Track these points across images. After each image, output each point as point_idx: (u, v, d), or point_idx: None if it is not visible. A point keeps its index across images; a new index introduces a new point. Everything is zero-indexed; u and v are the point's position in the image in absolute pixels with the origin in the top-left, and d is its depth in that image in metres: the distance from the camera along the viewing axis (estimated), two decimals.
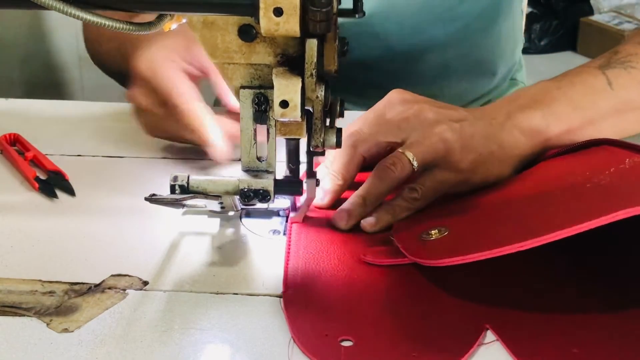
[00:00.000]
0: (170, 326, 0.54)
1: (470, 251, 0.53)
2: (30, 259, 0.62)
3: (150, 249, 0.63)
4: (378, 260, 0.61)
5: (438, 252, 0.57)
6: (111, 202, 0.71)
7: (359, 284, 0.58)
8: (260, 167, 0.62)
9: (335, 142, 0.62)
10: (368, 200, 0.65)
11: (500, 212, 0.61)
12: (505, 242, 0.51)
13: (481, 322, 0.54)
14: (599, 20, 3.02)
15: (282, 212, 0.68)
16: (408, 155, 0.64)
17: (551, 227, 0.50)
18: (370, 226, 0.65)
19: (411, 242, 0.60)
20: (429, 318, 0.55)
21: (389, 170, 0.64)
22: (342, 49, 0.61)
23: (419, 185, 0.65)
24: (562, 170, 0.64)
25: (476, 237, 0.57)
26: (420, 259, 0.57)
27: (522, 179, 0.66)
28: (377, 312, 0.55)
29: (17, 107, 0.92)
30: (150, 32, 0.57)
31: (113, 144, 0.82)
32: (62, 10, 0.53)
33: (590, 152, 0.66)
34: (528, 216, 0.58)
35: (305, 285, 0.58)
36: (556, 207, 0.57)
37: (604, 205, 0.51)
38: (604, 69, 0.72)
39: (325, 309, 0.56)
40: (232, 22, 0.57)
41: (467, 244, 0.57)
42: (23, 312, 0.56)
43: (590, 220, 0.49)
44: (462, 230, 0.60)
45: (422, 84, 1.02)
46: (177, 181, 0.62)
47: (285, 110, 0.56)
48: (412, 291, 0.58)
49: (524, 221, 0.56)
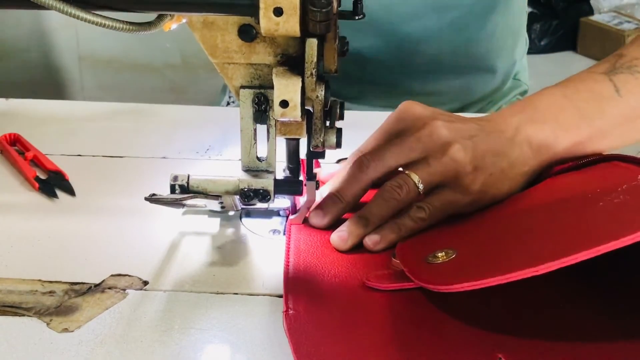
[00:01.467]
0: (170, 326, 0.54)
1: (482, 276, 0.51)
2: (30, 259, 0.62)
3: (150, 249, 0.63)
4: (382, 285, 0.58)
5: (446, 276, 0.54)
6: (111, 202, 0.71)
7: (362, 309, 0.56)
8: (260, 167, 0.62)
9: (335, 142, 0.62)
10: (370, 221, 0.63)
11: (510, 233, 0.59)
12: (518, 267, 0.49)
13: (493, 351, 0.51)
14: (599, 20, 3.01)
15: (282, 212, 0.68)
16: (414, 178, 0.63)
17: (566, 251, 0.47)
18: (373, 244, 0.62)
19: (417, 266, 0.57)
20: (438, 346, 0.52)
21: (394, 192, 0.62)
22: (342, 49, 0.61)
23: (426, 205, 0.63)
24: (571, 188, 0.62)
25: (486, 261, 0.55)
26: (429, 285, 0.54)
27: (529, 197, 0.64)
28: (383, 340, 0.53)
29: (17, 107, 0.92)
30: (150, 32, 0.57)
31: (113, 144, 0.82)
32: (62, 10, 0.53)
33: (600, 168, 0.64)
34: (540, 238, 0.55)
35: (307, 307, 0.55)
36: (569, 229, 0.53)
37: (620, 226, 0.48)
38: (610, 74, 0.70)
39: (328, 333, 0.53)
40: (232, 22, 0.57)
41: (478, 268, 0.54)
42: (23, 312, 0.56)
43: (607, 242, 0.46)
44: (471, 252, 0.57)
45: (417, 78, 1.02)
46: (177, 181, 0.61)
47: (285, 110, 0.56)
48: (418, 316, 0.55)
49: (537, 244, 0.54)
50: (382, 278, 0.59)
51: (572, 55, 3.05)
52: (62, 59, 1.96)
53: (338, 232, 0.63)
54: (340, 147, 0.63)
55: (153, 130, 0.86)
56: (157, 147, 0.82)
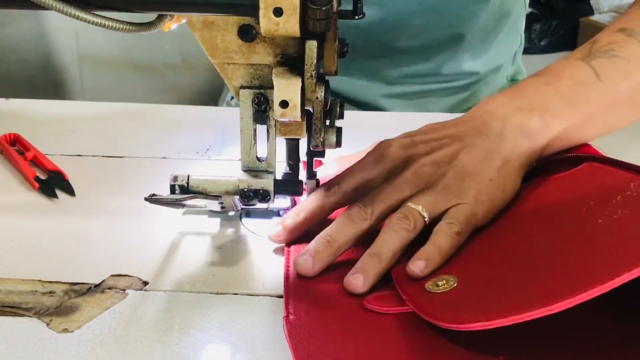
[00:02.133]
0: (170, 326, 0.54)
1: (494, 314, 0.47)
2: (30, 259, 0.62)
3: (150, 249, 0.63)
4: (384, 308, 0.55)
5: (452, 310, 0.51)
6: (111, 202, 0.71)
7: (364, 313, 0.55)
8: (260, 167, 0.62)
9: (335, 141, 0.62)
10: (384, 257, 0.58)
11: (513, 262, 0.55)
12: (532, 306, 0.46)
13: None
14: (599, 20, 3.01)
15: (282, 212, 0.68)
16: (417, 208, 0.59)
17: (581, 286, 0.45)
18: (421, 271, 0.56)
19: (417, 295, 0.54)
20: (445, 349, 0.50)
21: (403, 223, 0.58)
22: (342, 49, 0.61)
23: (452, 220, 0.59)
24: (565, 200, 0.60)
25: (493, 295, 0.51)
26: (435, 320, 0.50)
27: (523, 214, 0.62)
28: (387, 344, 0.51)
29: (17, 107, 0.92)
30: (150, 32, 0.57)
31: (113, 144, 0.82)
32: (62, 11, 0.53)
33: (585, 173, 0.62)
34: (549, 270, 0.51)
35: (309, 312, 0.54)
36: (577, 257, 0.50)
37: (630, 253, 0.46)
38: (587, 60, 0.69)
39: (330, 338, 0.52)
40: (232, 22, 0.57)
41: (484, 301, 0.51)
42: (23, 312, 0.56)
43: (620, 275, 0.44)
44: (472, 280, 0.54)
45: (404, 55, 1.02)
46: (177, 181, 0.61)
47: (285, 110, 0.56)
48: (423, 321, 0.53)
49: (547, 277, 0.50)
50: (382, 300, 0.56)
51: None
52: (62, 59, 1.97)
53: (352, 276, 0.57)
54: (340, 146, 0.63)
55: (153, 130, 0.86)
56: (157, 147, 0.82)
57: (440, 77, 1.06)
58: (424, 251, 0.57)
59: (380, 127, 0.82)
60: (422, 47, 1.02)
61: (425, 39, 1.01)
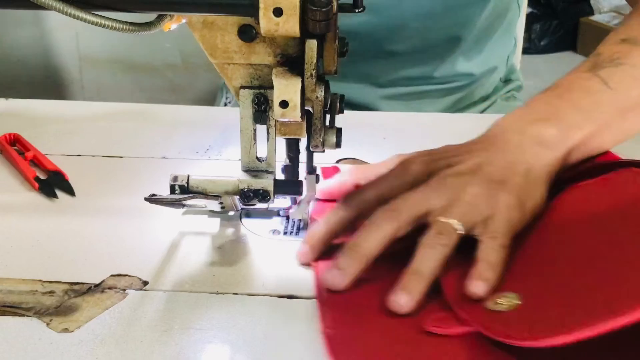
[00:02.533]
0: (170, 326, 0.54)
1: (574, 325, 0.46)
2: (30, 259, 0.62)
3: (150, 249, 0.63)
4: (444, 330, 0.52)
5: (525, 326, 0.49)
6: (111, 202, 0.71)
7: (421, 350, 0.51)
8: (260, 167, 0.62)
9: (334, 142, 0.62)
10: (425, 274, 0.55)
11: (576, 277, 0.52)
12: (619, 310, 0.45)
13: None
14: (599, 20, 3.02)
15: (282, 212, 0.68)
16: (451, 222, 0.57)
17: None
18: (483, 292, 0.54)
19: (480, 315, 0.52)
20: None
21: (438, 239, 0.57)
22: (342, 49, 0.61)
23: (493, 233, 0.57)
24: (608, 209, 0.58)
25: (563, 305, 0.49)
26: (509, 339, 0.48)
27: (562, 219, 0.60)
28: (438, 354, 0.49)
29: (17, 107, 0.92)
30: (150, 32, 0.57)
31: (113, 144, 0.82)
32: (62, 11, 0.53)
33: (624, 178, 0.61)
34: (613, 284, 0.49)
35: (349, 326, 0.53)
36: None
37: None
38: (594, 71, 0.69)
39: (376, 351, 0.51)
40: (232, 22, 0.57)
41: (558, 315, 0.49)
42: (23, 312, 0.56)
43: None
44: (536, 295, 0.52)
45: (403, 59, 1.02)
46: (177, 181, 0.62)
47: (285, 110, 0.56)
48: None
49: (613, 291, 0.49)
50: (442, 321, 0.53)
51: (572, 55, 3.05)
52: (62, 59, 1.96)
53: (396, 295, 0.55)
54: (340, 147, 0.63)
55: (153, 130, 0.86)
56: (157, 147, 0.82)
57: (436, 80, 1.06)
58: (477, 271, 0.55)
59: (380, 127, 0.82)
60: (418, 51, 1.02)
61: (421, 43, 1.01)
